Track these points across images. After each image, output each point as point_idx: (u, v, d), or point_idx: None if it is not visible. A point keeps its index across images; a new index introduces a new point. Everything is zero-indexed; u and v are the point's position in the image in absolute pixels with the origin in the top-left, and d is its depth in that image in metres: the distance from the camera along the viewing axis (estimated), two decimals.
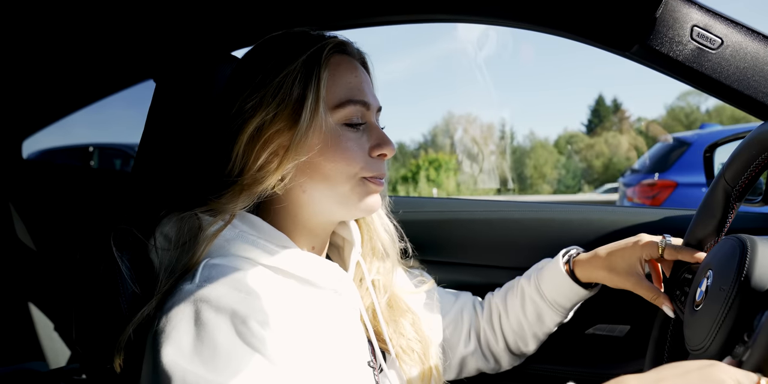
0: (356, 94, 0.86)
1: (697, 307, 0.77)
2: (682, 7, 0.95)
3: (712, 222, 0.91)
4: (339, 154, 0.84)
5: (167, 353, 0.68)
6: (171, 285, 0.78)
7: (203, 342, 0.69)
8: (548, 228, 1.34)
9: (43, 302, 1.90)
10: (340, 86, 0.85)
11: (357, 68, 0.89)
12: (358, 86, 0.87)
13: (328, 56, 0.85)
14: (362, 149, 0.86)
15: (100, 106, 1.88)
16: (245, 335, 0.70)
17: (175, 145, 0.95)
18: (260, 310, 0.74)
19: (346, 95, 0.85)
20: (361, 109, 0.86)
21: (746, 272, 0.68)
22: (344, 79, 0.86)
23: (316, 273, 0.86)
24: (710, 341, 0.69)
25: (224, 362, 0.68)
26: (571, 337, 1.27)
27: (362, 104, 0.86)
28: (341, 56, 0.88)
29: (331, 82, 0.85)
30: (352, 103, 0.85)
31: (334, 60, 0.87)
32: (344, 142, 0.84)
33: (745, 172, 0.84)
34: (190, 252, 0.80)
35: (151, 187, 0.95)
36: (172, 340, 0.69)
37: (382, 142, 0.87)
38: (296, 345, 0.76)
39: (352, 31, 1.30)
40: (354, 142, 0.85)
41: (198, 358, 0.67)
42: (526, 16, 1.08)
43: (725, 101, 0.98)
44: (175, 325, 0.70)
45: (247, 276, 0.77)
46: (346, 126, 0.85)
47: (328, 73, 0.84)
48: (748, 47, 0.95)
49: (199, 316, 0.71)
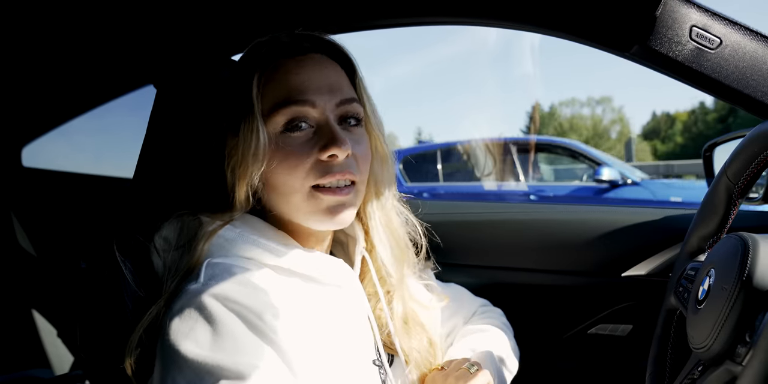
0: (294, 95, 0.79)
1: (699, 305, 0.78)
2: (680, 8, 0.96)
3: (714, 219, 0.91)
4: (282, 162, 0.79)
5: (188, 349, 0.68)
6: (176, 286, 0.78)
7: (221, 335, 0.69)
8: (552, 229, 1.35)
9: (46, 309, 1.90)
10: (276, 90, 0.80)
11: (304, 65, 0.82)
12: (298, 86, 0.80)
13: (262, 62, 0.82)
14: (307, 153, 0.79)
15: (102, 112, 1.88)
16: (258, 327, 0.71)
17: (175, 151, 0.95)
18: (269, 304, 0.74)
19: (281, 97, 0.79)
20: (302, 109, 0.79)
21: (748, 272, 0.68)
22: (283, 81, 0.81)
23: (320, 270, 0.85)
24: (712, 340, 0.69)
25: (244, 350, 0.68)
26: (574, 337, 1.27)
27: (303, 103, 0.79)
28: (286, 59, 0.83)
29: (268, 87, 0.81)
30: (287, 104, 0.79)
31: (274, 64, 0.82)
32: (284, 148, 0.79)
33: (747, 170, 0.84)
34: (191, 252, 0.80)
35: (153, 193, 0.96)
36: (189, 337, 0.69)
37: (330, 141, 0.78)
38: (304, 341, 0.76)
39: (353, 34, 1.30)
40: (296, 147, 0.79)
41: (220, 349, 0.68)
42: (525, 17, 1.08)
43: (725, 100, 0.99)
44: (189, 325, 0.70)
45: (250, 274, 0.77)
46: (287, 131, 0.80)
47: (261, 80, 0.80)
48: (747, 47, 0.95)
49: (209, 312, 0.71)
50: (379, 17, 1.23)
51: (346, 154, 0.80)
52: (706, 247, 0.94)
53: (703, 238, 0.94)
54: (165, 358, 0.70)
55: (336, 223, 0.83)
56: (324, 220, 0.82)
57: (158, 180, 0.94)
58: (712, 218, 0.92)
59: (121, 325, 0.82)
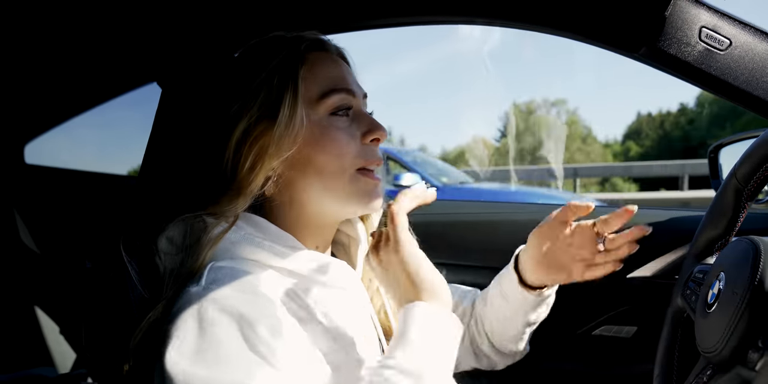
0: (339, 83, 0.87)
1: (709, 309, 0.77)
2: (690, 8, 0.95)
3: (722, 221, 0.91)
4: (329, 143, 0.84)
5: (169, 356, 0.67)
6: (177, 288, 0.78)
7: (206, 341, 0.68)
8: None
9: (49, 306, 1.90)
10: (321, 78, 0.86)
11: (336, 61, 0.90)
12: (340, 75, 0.88)
13: (304, 53, 0.87)
14: (353, 137, 0.86)
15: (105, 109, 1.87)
16: (252, 340, 0.70)
17: (180, 150, 0.94)
18: (268, 314, 0.73)
19: (328, 85, 0.86)
20: (347, 96, 0.87)
21: (760, 276, 0.67)
22: (324, 72, 0.87)
23: (325, 272, 0.85)
24: (723, 345, 0.69)
25: (226, 364, 0.67)
26: (578, 338, 1.27)
27: (347, 92, 0.87)
28: (318, 53, 0.89)
29: (311, 76, 0.86)
30: (336, 91, 0.85)
31: (312, 56, 0.87)
32: (333, 131, 0.84)
33: (758, 172, 0.83)
34: (194, 255, 0.80)
35: (158, 192, 0.95)
36: (175, 341, 0.69)
37: (373, 126, 0.87)
38: (305, 347, 0.76)
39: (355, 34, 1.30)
40: (343, 131, 0.85)
41: (200, 358, 0.67)
42: (533, 17, 1.08)
43: (734, 103, 0.98)
44: (180, 326, 0.70)
45: (253, 278, 0.76)
46: (334, 116, 0.85)
47: (306, 69, 0.85)
48: (757, 48, 0.94)
49: (203, 316, 0.70)
50: (382, 16, 1.22)
51: (385, 139, 0.88)
52: (715, 249, 0.94)
53: (711, 241, 0.93)
54: (157, 363, 0.70)
55: (372, 208, 0.88)
56: (363, 203, 0.87)
57: (164, 178, 0.94)
58: (721, 220, 0.91)
59: (126, 326, 0.81)
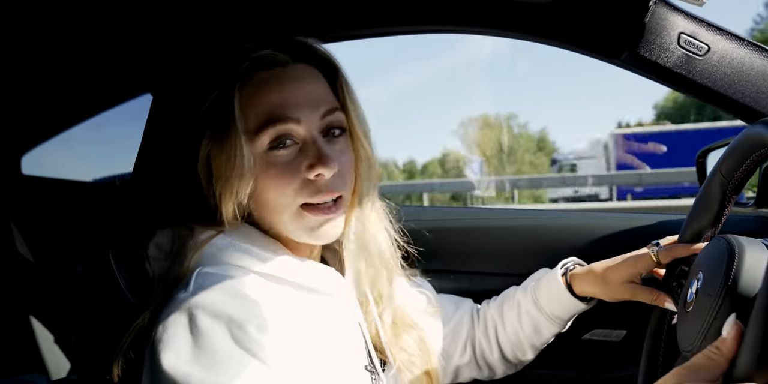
0: (277, 112, 0.79)
1: (687, 308, 0.78)
2: (668, 15, 0.97)
3: (707, 215, 0.90)
4: (270, 180, 0.79)
5: (167, 360, 0.68)
6: (165, 295, 0.78)
7: (201, 349, 0.69)
8: (544, 235, 1.35)
9: (44, 314, 1.91)
10: (260, 107, 0.79)
11: (285, 79, 0.81)
12: (282, 102, 0.79)
13: (243, 77, 0.80)
14: (294, 172, 0.79)
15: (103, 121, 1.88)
16: (242, 341, 0.71)
17: (167, 162, 0.95)
18: (257, 315, 0.74)
19: (266, 115, 0.79)
20: (287, 126, 0.79)
21: (733, 278, 0.68)
22: (264, 99, 0.80)
23: (311, 278, 0.86)
24: (698, 344, 0.70)
25: (224, 367, 0.68)
26: (567, 342, 1.27)
27: (287, 121, 0.79)
28: (265, 72, 0.81)
29: (250, 105, 0.79)
30: (272, 123, 0.78)
31: (256, 78, 0.81)
32: (271, 168, 0.79)
33: (741, 167, 0.83)
34: (180, 260, 0.81)
35: (147, 200, 0.96)
36: (170, 348, 0.70)
37: (316, 160, 0.78)
38: (294, 350, 0.76)
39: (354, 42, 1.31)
40: (282, 167, 0.79)
41: (197, 363, 0.68)
42: (517, 26, 1.09)
43: (713, 106, 1.00)
44: (172, 334, 0.71)
45: (241, 283, 0.77)
46: (273, 150, 0.79)
47: (246, 96, 0.79)
48: (734, 53, 0.96)
49: (195, 324, 0.71)
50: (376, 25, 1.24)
51: (332, 173, 0.80)
52: (701, 241, 0.93)
53: (696, 235, 0.93)
54: (149, 367, 0.71)
55: (323, 240, 0.85)
56: (311, 237, 0.84)
57: (152, 188, 0.95)
58: (706, 214, 0.90)
59: (115, 332, 0.82)
